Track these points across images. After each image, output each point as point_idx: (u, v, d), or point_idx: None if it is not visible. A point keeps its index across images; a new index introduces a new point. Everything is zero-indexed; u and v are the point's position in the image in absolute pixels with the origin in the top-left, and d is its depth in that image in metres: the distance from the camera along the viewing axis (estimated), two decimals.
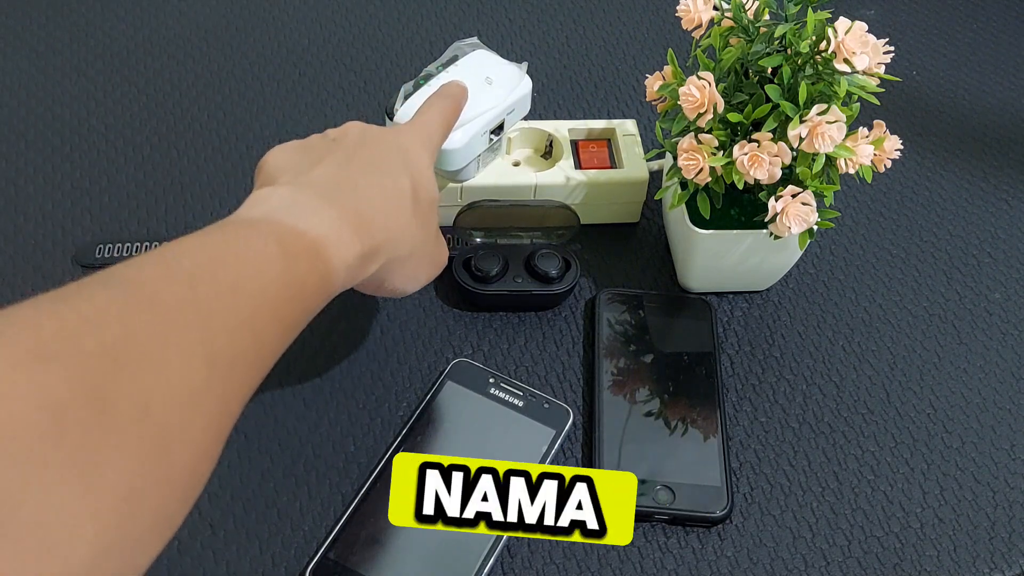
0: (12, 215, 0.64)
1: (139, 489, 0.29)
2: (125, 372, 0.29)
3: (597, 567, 0.50)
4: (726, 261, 0.59)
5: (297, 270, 0.39)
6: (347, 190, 0.44)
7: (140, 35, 0.78)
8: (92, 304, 0.30)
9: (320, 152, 0.46)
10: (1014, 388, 0.59)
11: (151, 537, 0.30)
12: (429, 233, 0.49)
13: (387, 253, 0.45)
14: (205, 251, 0.36)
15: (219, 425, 0.34)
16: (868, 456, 0.55)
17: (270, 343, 0.37)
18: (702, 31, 0.56)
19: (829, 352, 0.60)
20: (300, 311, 0.40)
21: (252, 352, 0.36)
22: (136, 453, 0.29)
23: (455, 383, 0.55)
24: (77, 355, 0.28)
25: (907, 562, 0.51)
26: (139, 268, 0.34)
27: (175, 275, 0.34)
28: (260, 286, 0.37)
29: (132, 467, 0.28)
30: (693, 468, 0.53)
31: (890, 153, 0.54)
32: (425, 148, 0.50)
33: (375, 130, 0.49)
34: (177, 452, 0.31)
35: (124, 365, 0.29)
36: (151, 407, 0.30)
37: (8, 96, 0.72)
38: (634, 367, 0.58)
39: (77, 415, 0.27)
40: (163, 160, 0.68)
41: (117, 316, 0.30)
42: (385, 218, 0.44)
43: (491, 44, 0.64)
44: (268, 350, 0.37)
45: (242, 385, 0.36)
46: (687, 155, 0.53)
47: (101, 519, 0.27)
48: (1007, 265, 0.66)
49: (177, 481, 0.31)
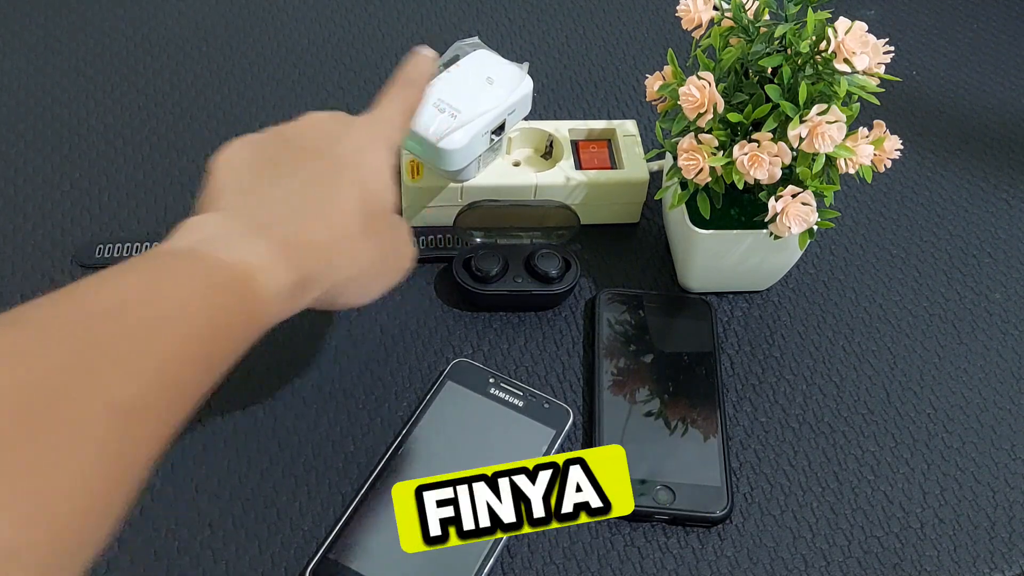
0: (12, 215, 0.64)
1: (15, 550, 0.27)
2: (15, 425, 0.28)
3: (597, 567, 0.50)
4: (726, 261, 0.59)
5: (223, 304, 0.37)
6: (284, 216, 0.41)
7: (140, 35, 0.78)
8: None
9: (270, 161, 0.44)
10: (1014, 388, 0.59)
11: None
12: (382, 245, 0.46)
13: (328, 278, 0.42)
14: (124, 287, 0.35)
15: (123, 477, 0.31)
16: (868, 456, 0.55)
17: (192, 382, 0.35)
18: (702, 31, 0.56)
19: (829, 352, 0.60)
20: (227, 348, 0.37)
21: (169, 394, 0.34)
22: (16, 514, 0.27)
23: (455, 383, 0.55)
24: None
25: (907, 562, 0.51)
26: (50, 306, 0.32)
27: (87, 315, 0.33)
28: (182, 322, 0.35)
29: (8, 529, 0.26)
30: (693, 468, 0.53)
31: (890, 153, 0.54)
32: (384, 144, 0.47)
33: (329, 130, 0.46)
34: (64, 509, 0.29)
35: (15, 416, 0.28)
36: (39, 462, 0.28)
37: (8, 96, 0.72)
38: (634, 367, 0.58)
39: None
40: (163, 160, 0.68)
41: (12, 362, 0.29)
42: (326, 243, 0.42)
43: (491, 44, 0.64)
44: (190, 390, 0.35)
45: (156, 431, 0.33)
46: (687, 155, 0.53)
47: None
48: (1007, 265, 0.66)
49: (64, 540, 0.29)
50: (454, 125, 0.57)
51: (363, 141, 0.46)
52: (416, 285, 0.62)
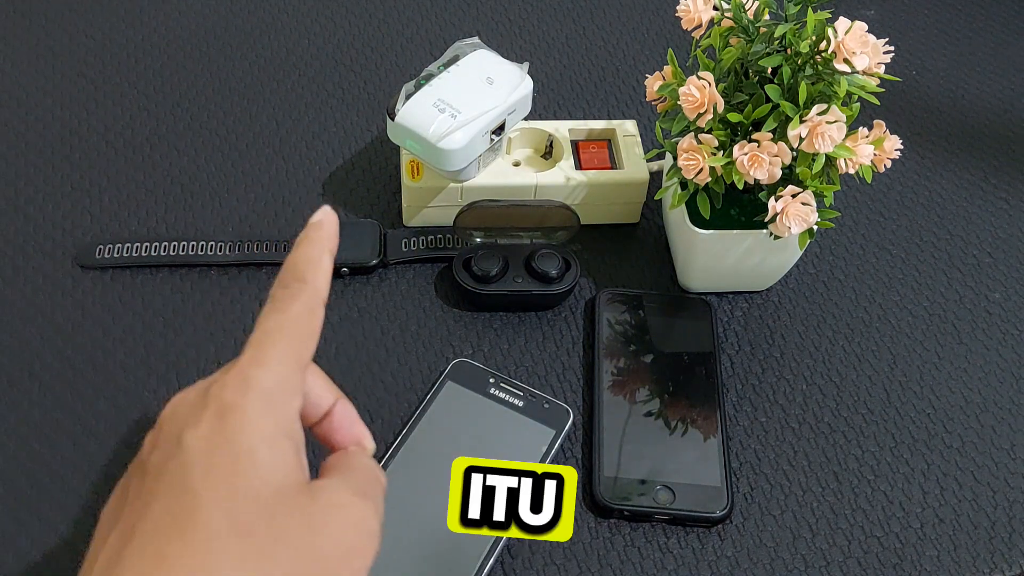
0: (12, 215, 0.64)
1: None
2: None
3: (597, 567, 0.50)
4: (726, 261, 0.59)
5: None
6: None
7: (140, 35, 0.78)
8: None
9: (127, 500, 0.32)
10: (1014, 388, 0.59)
11: None
12: (302, 546, 0.31)
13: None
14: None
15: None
16: (868, 456, 0.55)
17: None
18: (702, 31, 0.56)
19: (829, 352, 0.60)
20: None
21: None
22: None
23: (455, 383, 0.55)
24: None
25: (907, 562, 0.51)
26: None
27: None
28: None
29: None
30: (693, 468, 0.53)
31: (890, 153, 0.54)
32: (268, 418, 0.32)
33: (177, 432, 0.32)
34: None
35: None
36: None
37: (8, 96, 0.72)
38: (634, 367, 0.58)
39: None
40: (163, 160, 0.68)
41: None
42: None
43: (491, 44, 0.64)
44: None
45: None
46: (687, 155, 0.53)
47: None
48: (1007, 265, 0.66)
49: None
50: (454, 125, 0.57)
51: (213, 427, 0.31)
52: (416, 285, 0.62)
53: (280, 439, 0.32)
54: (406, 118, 0.58)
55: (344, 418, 0.38)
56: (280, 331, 0.33)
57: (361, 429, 0.38)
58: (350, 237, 0.62)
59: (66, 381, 0.56)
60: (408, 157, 0.63)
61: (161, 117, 0.71)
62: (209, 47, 0.77)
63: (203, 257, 0.61)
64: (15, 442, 0.53)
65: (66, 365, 0.56)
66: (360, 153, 0.70)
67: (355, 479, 0.35)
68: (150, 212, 0.65)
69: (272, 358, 0.33)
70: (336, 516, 0.32)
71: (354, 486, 0.34)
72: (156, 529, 0.30)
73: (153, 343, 0.58)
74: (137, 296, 0.60)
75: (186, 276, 0.61)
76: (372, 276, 0.62)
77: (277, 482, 0.31)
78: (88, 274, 0.61)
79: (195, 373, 0.57)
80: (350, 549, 0.32)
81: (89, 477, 0.52)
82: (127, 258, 0.61)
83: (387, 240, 0.63)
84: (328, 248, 0.35)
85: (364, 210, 0.66)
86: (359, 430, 0.38)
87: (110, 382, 0.56)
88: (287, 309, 0.34)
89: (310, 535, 0.31)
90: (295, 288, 0.34)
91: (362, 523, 0.33)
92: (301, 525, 0.31)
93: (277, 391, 0.32)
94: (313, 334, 0.34)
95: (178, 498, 0.30)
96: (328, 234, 0.36)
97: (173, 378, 0.56)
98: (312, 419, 0.38)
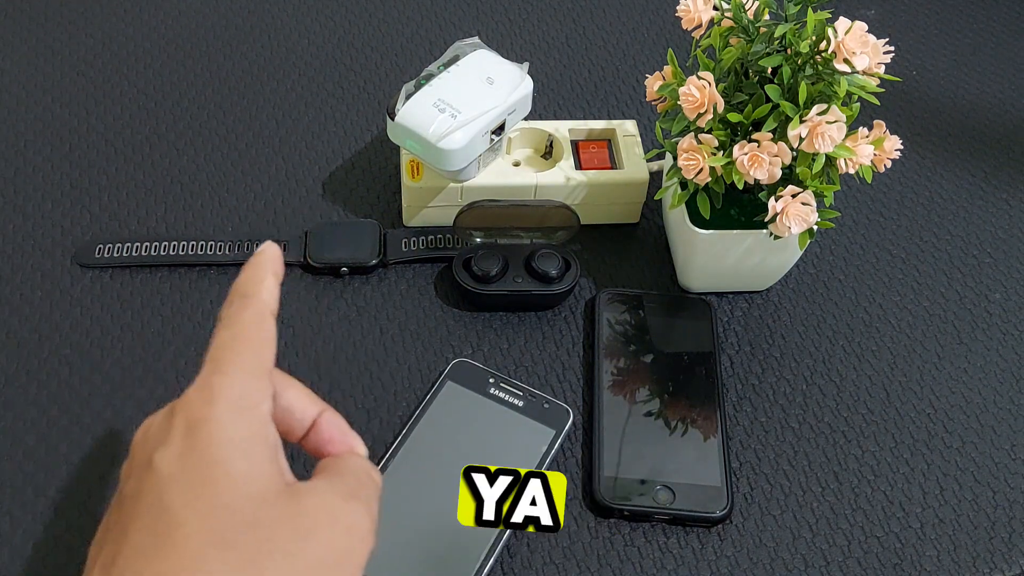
0: (12, 215, 0.64)
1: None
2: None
3: (597, 567, 0.50)
4: (726, 261, 0.59)
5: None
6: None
7: (140, 35, 0.78)
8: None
9: (108, 532, 0.32)
10: (1014, 388, 0.59)
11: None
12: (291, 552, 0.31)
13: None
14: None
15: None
16: (868, 456, 0.55)
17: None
18: (702, 31, 0.56)
19: (829, 352, 0.60)
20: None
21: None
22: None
23: (455, 383, 0.55)
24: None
25: (907, 562, 0.51)
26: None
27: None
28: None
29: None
30: (693, 468, 0.53)
31: (890, 153, 0.54)
32: (238, 426, 0.32)
33: (162, 477, 0.31)
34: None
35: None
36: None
37: (8, 96, 0.72)
38: (634, 367, 0.58)
39: None
40: (163, 160, 0.68)
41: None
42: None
43: (491, 44, 0.64)
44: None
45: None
46: (687, 155, 0.53)
47: None
48: (1007, 265, 0.66)
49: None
50: (454, 125, 0.57)
51: (183, 444, 0.31)
52: (416, 285, 0.62)
53: (253, 446, 0.32)
54: (406, 118, 0.58)
55: (333, 429, 0.38)
56: (234, 341, 0.34)
57: (352, 439, 0.38)
58: (350, 237, 0.62)
59: (64, 380, 0.56)
60: (408, 157, 0.63)
61: (161, 117, 0.71)
62: (209, 47, 0.77)
63: (203, 257, 0.61)
64: (12, 440, 0.53)
65: (64, 364, 0.56)
66: (360, 153, 0.70)
67: (344, 481, 0.35)
68: (150, 211, 0.65)
69: (232, 366, 0.33)
70: (324, 520, 0.32)
71: (342, 489, 0.34)
72: (137, 552, 0.30)
73: (152, 342, 0.58)
74: (136, 295, 0.60)
75: (185, 276, 0.61)
76: (372, 276, 0.62)
77: (256, 490, 0.31)
78: (87, 273, 0.61)
79: (194, 373, 0.56)
80: (341, 552, 0.32)
81: (86, 476, 0.52)
82: (127, 257, 0.61)
83: (387, 240, 0.63)
84: (272, 270, 0.36)
85: (364, 210, 0.66)
86: (350, 440, 0.38)
87: (108, 381, 0.56)
88: (237, 322, 0.34)
89: (297, 541, 0.31)
90: (240, 303, 0.35)
91: (352, 526, 0.33)
92: (287, 531, 0.31)
93: (243, 397, 0.33)
94: (268, 341, 0.35)
95: (156, 518, 0.30)
96: (270, 258, 0.37)
97: (172, 378, 0.56)
98: (298, 433, 0.37)
